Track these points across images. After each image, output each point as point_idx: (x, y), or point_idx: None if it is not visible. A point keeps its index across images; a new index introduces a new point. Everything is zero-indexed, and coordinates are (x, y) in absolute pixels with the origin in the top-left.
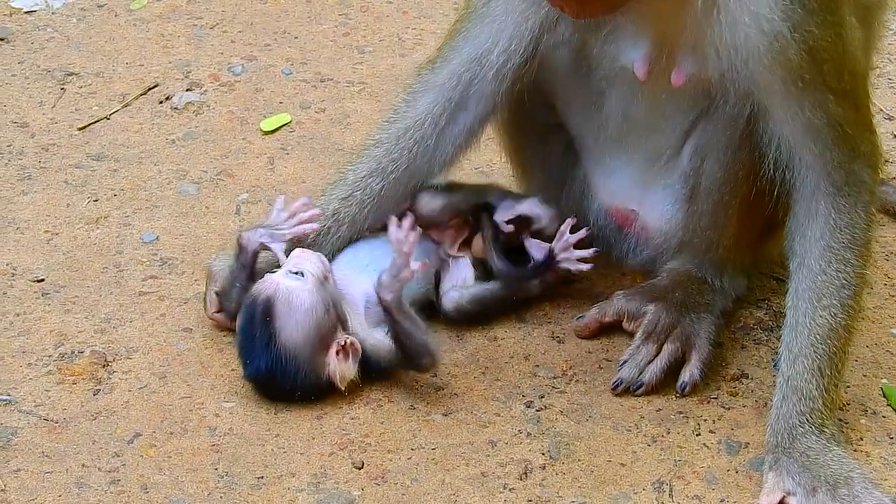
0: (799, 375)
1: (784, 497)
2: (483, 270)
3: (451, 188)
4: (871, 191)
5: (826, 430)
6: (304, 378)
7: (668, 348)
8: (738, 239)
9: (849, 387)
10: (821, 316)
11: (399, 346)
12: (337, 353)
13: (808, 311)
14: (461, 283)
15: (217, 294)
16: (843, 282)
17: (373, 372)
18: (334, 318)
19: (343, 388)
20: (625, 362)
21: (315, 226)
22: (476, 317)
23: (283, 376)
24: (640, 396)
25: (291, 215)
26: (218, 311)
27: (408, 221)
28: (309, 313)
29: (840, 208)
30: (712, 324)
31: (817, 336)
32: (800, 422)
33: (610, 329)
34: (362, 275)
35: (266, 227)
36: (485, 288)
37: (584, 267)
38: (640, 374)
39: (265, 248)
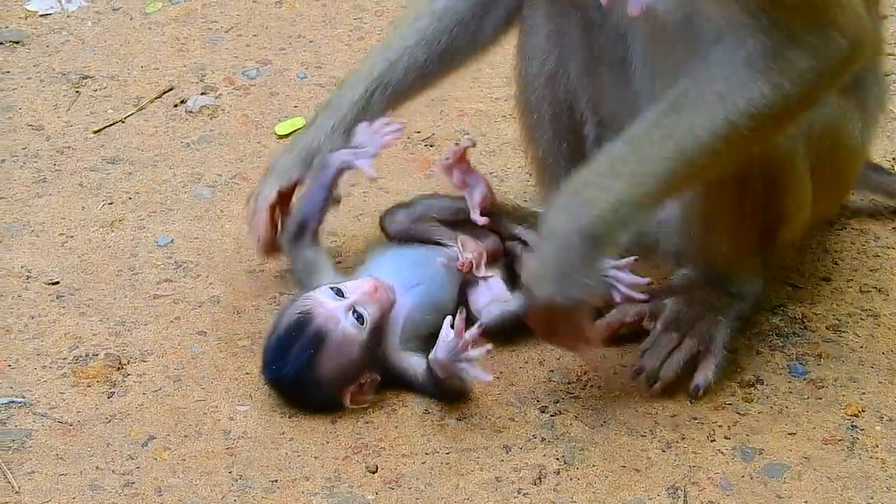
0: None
1: None
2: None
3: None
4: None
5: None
6: (320, 400)
7: (687, 343)
8: (737, 243)
9: (864, 393)
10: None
11: (438, 393)
12: (353, 393)
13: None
14: (496, 298)
15: (280, 193)
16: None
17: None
18: (365, 365)
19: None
20: (646, 351)
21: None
22: (516, 330)
23: (301, 393)
24: (653, 396)
25: (375, 132)
26: (270, 225)
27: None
28: (352, 359)
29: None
30: (728, 327)
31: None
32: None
33: (626, 335)
34: (407, 295)
35: (351, 148)
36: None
37: (638, 296)
38: (662, 364)
39: (348, 167)
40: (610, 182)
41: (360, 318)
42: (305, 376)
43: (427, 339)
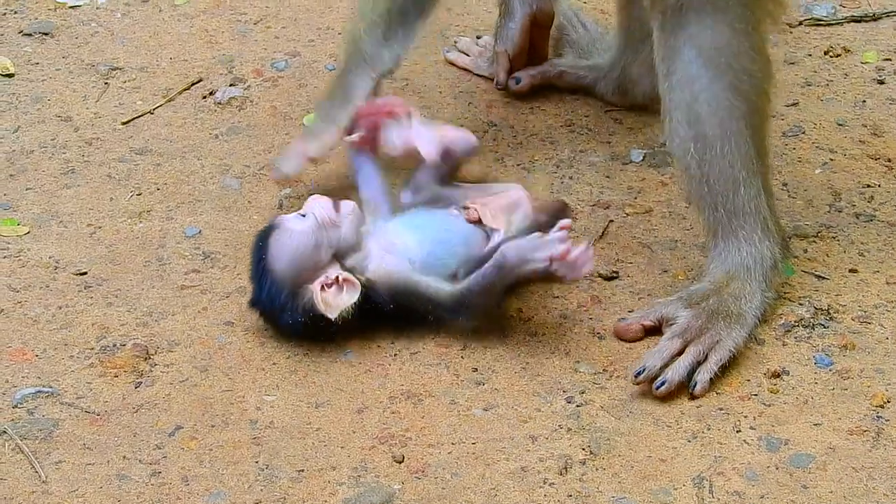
0: None
1: None
2: None
3: None
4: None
5: None
6: (291, 306)
7: (692, 349)
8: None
9: (890, 384)
10: None
11: (477, 295)
12: (322, 287)
13: None
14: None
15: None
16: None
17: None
18: (327, 258)
19: (333, 317)
20: (649, 356)
21: None
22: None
23: (272, 302)
24: (661, 397)
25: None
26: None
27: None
28: (297, 250)
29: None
30: (742, 331)
31: None
32: None
33: (650, 332)
34: (421, 243)
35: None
36: None
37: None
38: (663, 367)
39: None
40: None
41: (303, 216)
42: (268, 280)
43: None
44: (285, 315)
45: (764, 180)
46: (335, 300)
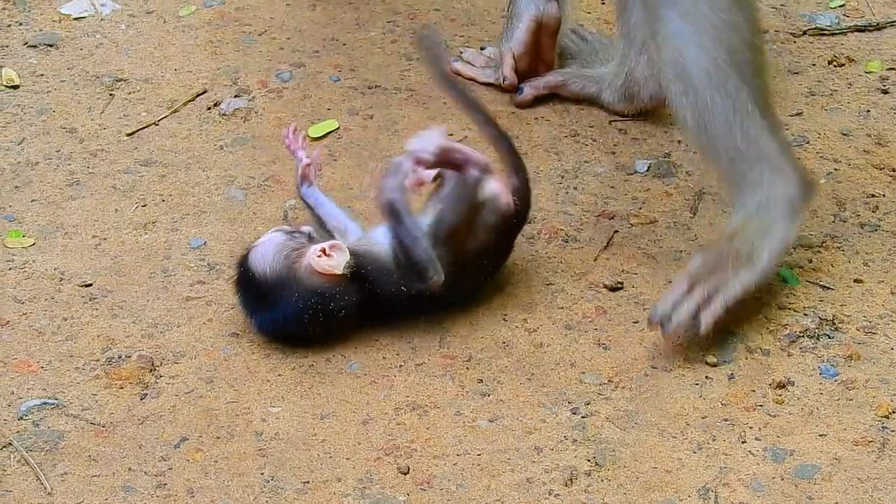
0: None
1: None
2: None
3: None
4: None
5: None
6: (294, 290)
7: (698, 290)
8: None
9: (895, 395)
10: None
11: (402, 255)
12: (317, 255)
13: None
14: None
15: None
16: None
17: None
18: (301, 242)
19: (341, 271)
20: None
21: None
22: None
23: (278, 304)
24: (667, 341)
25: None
26: None
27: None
28: (273, 246)
29: None
30: (752, 273)
31: None
32: None
33: (656, 336)
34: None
35: None
36: None
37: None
38: (673, 309)
39: None
40: None
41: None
42: (264, 289)
43: None
44: (294, 312)
45: (766, 121)
46: (333, 261)
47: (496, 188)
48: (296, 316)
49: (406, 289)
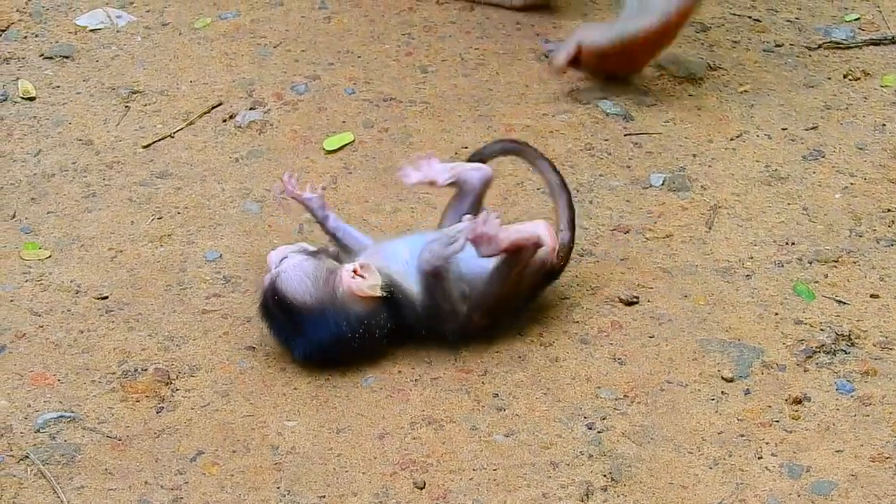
0: None
1: None
2: None
3: None
4: None
5: None
6: (336, 316)
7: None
8: None
9: None
10: None
11: (431, 307)
12: (351, 275)
13: None
14: None
15: None
16: None
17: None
18: (332, 262)
19: (378, 293)
20: None
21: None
22: None
23: (321, 332)
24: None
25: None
26: None
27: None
28: (307, 271)
29: None
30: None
31: None
32: None
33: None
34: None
35: None
36: None
37: None
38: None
39: None
40: None
41: (284, 259)
42: (305, 320)
43: None
44: (343, 332)
45: None
46: (369, 283)
47: (544, 251)
48: (340, 340)
49: (427, 329)
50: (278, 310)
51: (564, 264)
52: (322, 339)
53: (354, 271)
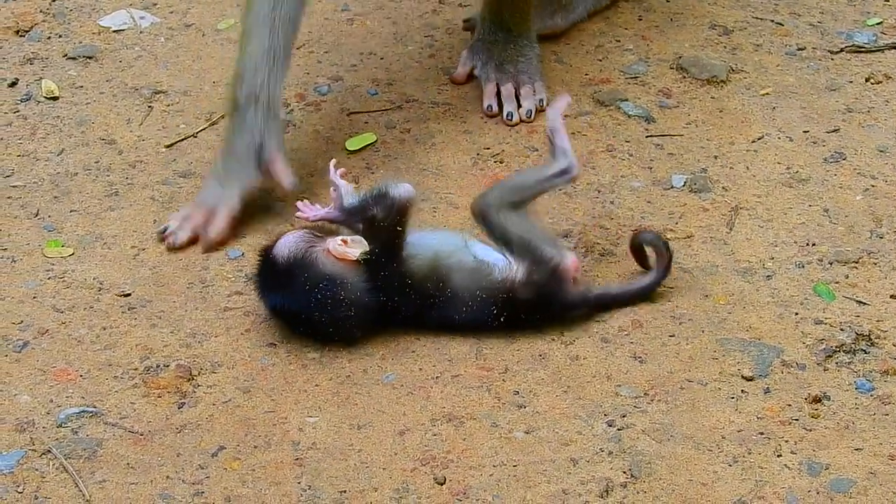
0: None
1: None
2: None
3: None
4: None
5: None
6: (313, 275)
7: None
8: None
9: None
10: None
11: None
12: (338, 244)
13: None
14: None
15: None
16: None
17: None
18: (321, 233)
19: (357, 258)
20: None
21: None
22: None
23: (296, 289)
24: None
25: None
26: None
27: None
28: (295, 236)
29: None
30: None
31: None
32: None
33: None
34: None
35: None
36: None
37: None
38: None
39: None
40: None
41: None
42: (283, 275)
43: None
44: (308, 297)
45: None
46: (351, 249)
47: (564, 262)
48: (309, 298)
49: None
50: (264, 264)
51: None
52: (291, 295)
53: (343, 241)
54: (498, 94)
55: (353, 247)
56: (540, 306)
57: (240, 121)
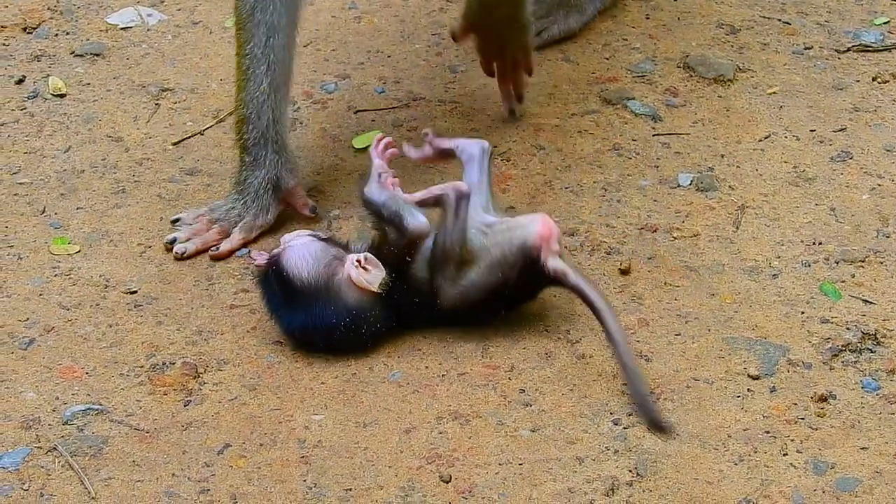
0: None
1: None
2: None
3: None
4: None
5: None
6: (331, 301)
7: None
8: None
9: None
10: None
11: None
12: (355, 265)
13: None
14: None
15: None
16: None
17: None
18: (338, 249)
19: (376, 289)
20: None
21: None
22: None
23: (312, 311)
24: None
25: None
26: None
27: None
28: (312, 251)
29: None
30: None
31: None
32: None
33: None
34: None
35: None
36: None
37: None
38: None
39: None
40: None
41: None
42: (300, 296)
43: None
44: (332, 318)
45: None
46: (370, 276)
47: (532, 238)
48: (325, 324)
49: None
50: (275, 281)
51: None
52: (308, 318)
53: (358, 261)
54: None
55: (371, 273)
56: None
57: (251, 160)
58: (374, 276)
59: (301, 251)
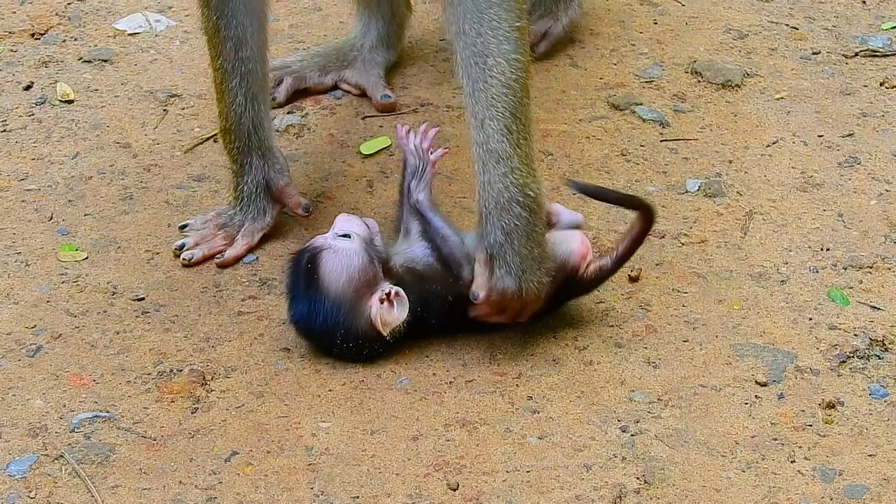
0: (491, 138)
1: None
2: None
3: None
4: None
5: (529, 191)
6: (344, 321)
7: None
8: None
9: None
10: (491, 76)
11: (437, 253)
12: (381, 301)
13: (478, 74)
14: None
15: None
16: (502, 38)
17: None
18: (377, 272)
19: (386, 335)
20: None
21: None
22: None
23: (323, 319)
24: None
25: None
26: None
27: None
28: (352, 267)
29: None
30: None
31: (494, 96)
32: (504, 185)
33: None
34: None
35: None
36: None
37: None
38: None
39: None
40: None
41: (346, 236)
42: (319, 300)
43: None
44: (338, 334)
45: None
46: (390, 316)
47: (574, 256)
48: (331, 337)
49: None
50: (304, 273)
51: (593, 285)
52: (315, 320)
53: (388, 295)
54: None
55: (393, 312)
56: None
57: (239, 168)
58: (394, 318)
59: (340, 263)
